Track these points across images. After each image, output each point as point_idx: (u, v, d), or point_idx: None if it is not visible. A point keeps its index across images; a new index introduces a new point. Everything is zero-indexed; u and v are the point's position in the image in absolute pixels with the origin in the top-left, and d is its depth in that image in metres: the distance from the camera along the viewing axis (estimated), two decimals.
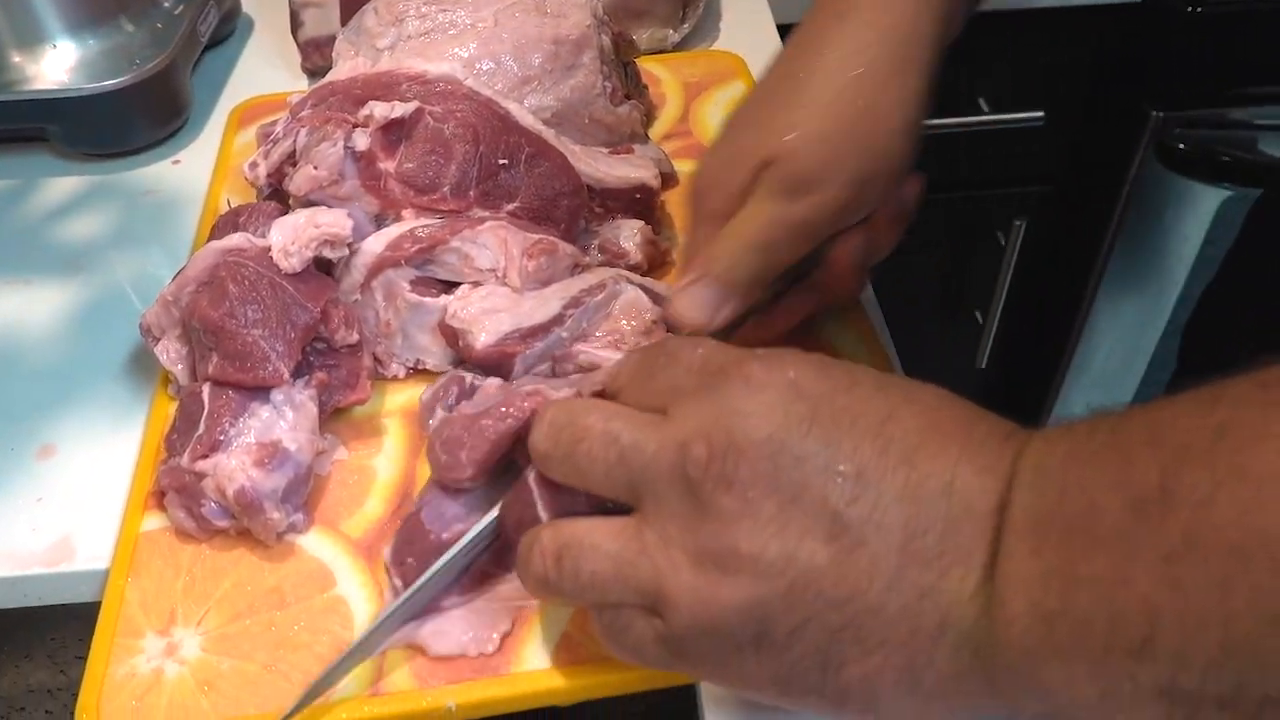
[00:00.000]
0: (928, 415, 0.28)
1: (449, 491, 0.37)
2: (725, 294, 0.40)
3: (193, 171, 0.61)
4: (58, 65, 0.60)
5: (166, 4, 0.64)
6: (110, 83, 0.59)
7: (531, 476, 0.33)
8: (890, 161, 0.39)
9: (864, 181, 0.39)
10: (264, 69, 0.69)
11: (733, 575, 0.27)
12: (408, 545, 0.37)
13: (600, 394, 0.34)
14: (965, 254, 1.03)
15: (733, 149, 0.41)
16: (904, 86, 0.39)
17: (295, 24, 0.66)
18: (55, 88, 0.59)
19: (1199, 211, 0.94)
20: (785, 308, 0.44)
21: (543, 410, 0.33)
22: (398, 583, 0.37)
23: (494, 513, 0.35)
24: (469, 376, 0.43)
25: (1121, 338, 1.04)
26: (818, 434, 0.28)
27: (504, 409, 0.36)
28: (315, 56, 0.66)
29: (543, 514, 0.33)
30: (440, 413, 0.41)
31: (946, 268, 1.05)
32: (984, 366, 1.10)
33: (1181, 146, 0.90)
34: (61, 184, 0.61)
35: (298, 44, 0.66)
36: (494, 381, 0.42)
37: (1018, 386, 1.16)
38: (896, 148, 0.39)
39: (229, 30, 0.72)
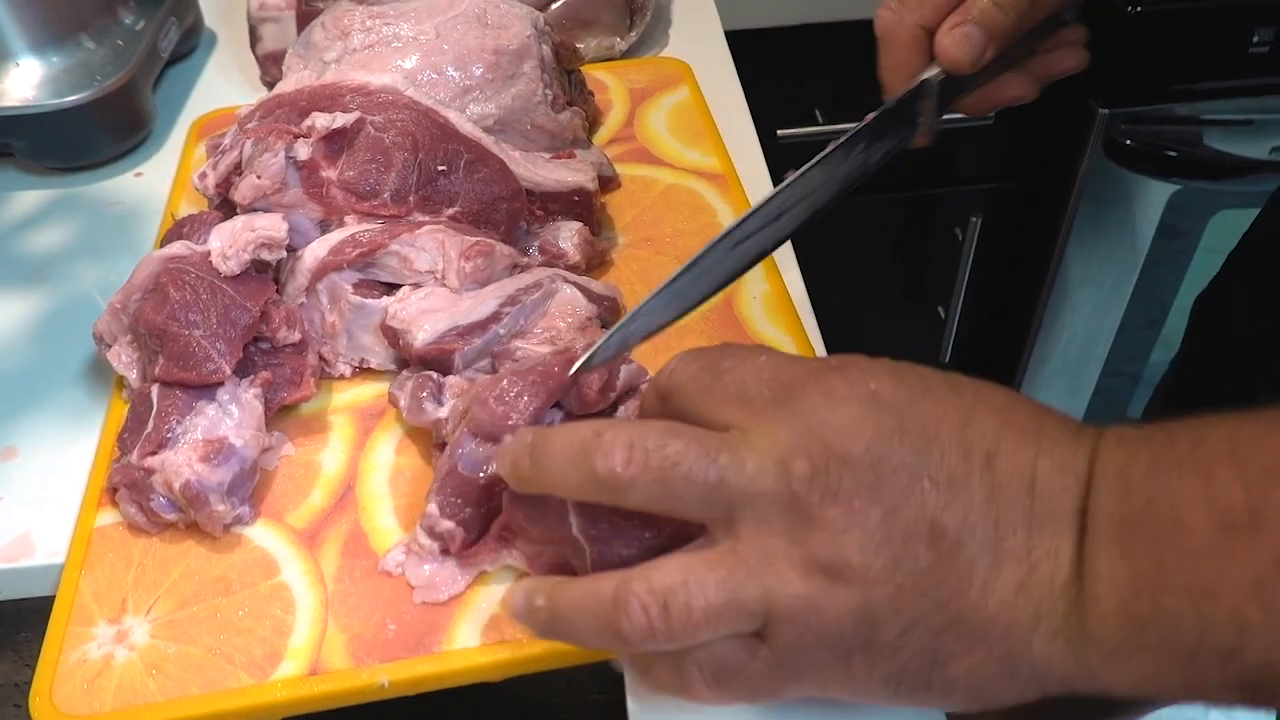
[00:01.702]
0: (1001, 415, 0.29)
1: (480, 441, 0.38)
2: (988, 36, 0.42)
3: (155, 183, 0.63)
4: (21, 82, 0.62)
5: (128, 21, 0.66)
6: (73, 99, 0.61)
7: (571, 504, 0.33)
8: None
9: None
10: (225, 83, 0.72)
11: (844, 584, 0.29)
12: (458, 495, 0.37)
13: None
14: (925, 251, 1.06)
15: None
16: None
17: (254, 39, 0.68)
18: (19, 104, 0.61)
19: (1149, 205, 0.97)
20: (1002, 83, 0.47)
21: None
22: (464, 535, 0.38)
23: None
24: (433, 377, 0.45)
25: (1079, 329, 1.07)
26: (908, 443, 0.29)
27: (549, 361, 0.38)
28: (274, 70, 0.68)
29: (577, 534, 0.33)
30: (429, 405, 0.43)
31: (907, 265, 1.07)
32: (947, 361, 1.12)
33: (1129, 142, 0.92)
34: (26, 198, 0.63)
35: (256, 58, 0.68)
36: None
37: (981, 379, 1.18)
38: None
39: (191, 46, 0.74)
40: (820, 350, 0.49)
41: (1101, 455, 0.28)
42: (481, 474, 0.37)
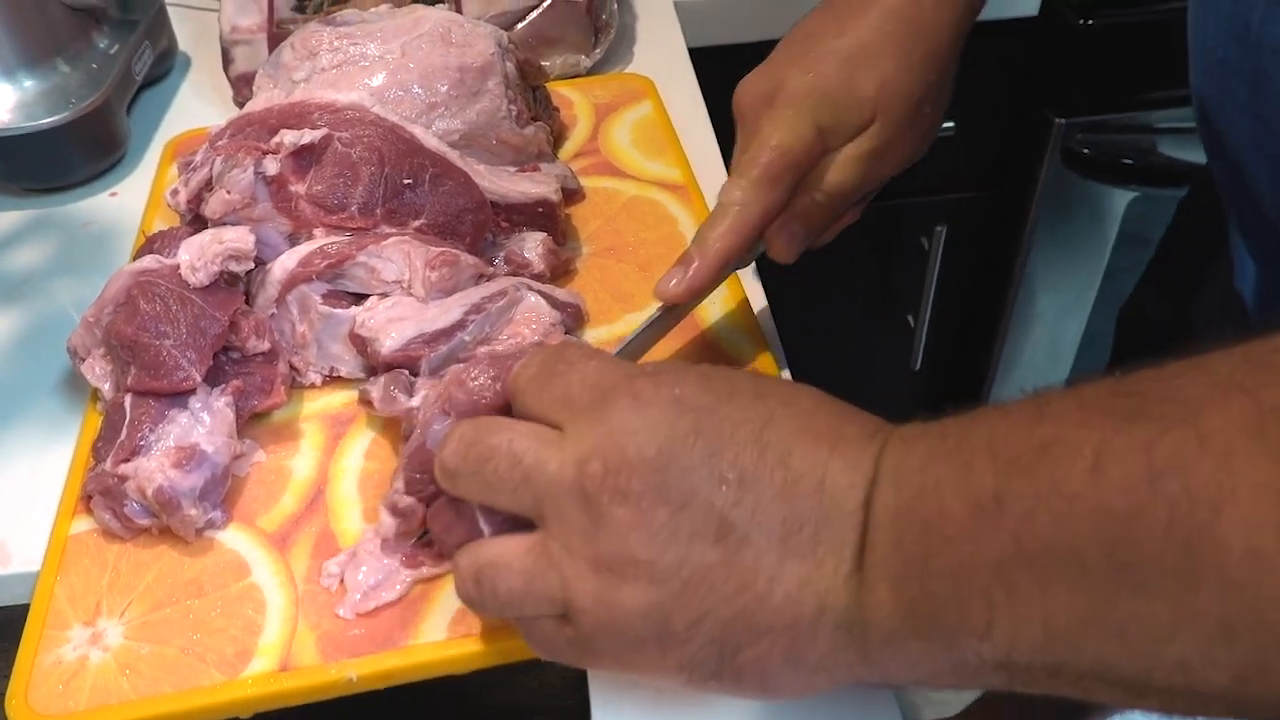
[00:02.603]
0: (802, 418, 0.31)
1: (454, 419, 0.38)
2: (813, 233, 0.46)
3: (130, 203, 0.64)
4: None
5: (102, 45, 0.68)
6: (48, 121, 0.63)
7: None
8: (844, 123, 0.45)
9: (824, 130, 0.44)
10: (199, 104, 0.73)
11: (631, 580, 0.30)
12: (423, 471, 0.38)
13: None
14: (893, 260, 1.08)
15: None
16: (890, 65, 0.45)
17: (227, 61, 0.70)
18: None
19: (1108, 211, 0.99)
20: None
21: (454, 431, 0.34)
22: (412, 505, 0.39)
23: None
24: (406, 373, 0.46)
25: (1045, 333, 1.09)
26: (702, 445, 0.30)
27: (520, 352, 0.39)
28: (246, 91, 0.69)
29: (468, 521, 0.35)
30: (401, 397, 0.44)
31: (876, 274, 1.10)
32: (918, 368, 1.14)
33: (1086, 151, 0.95)
34: (3, 218, 0.64)
35: (229, 80, 0.70)
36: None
37: (952, 385, 1.20)
38: (855, 116, 0.45)
39: (166, 69, 0.75)
40: (782, 357, 0.51)
41: (886, 452, 0.29)
42: None
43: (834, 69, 0.45)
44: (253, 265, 0.46)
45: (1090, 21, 0.86)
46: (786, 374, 0.49)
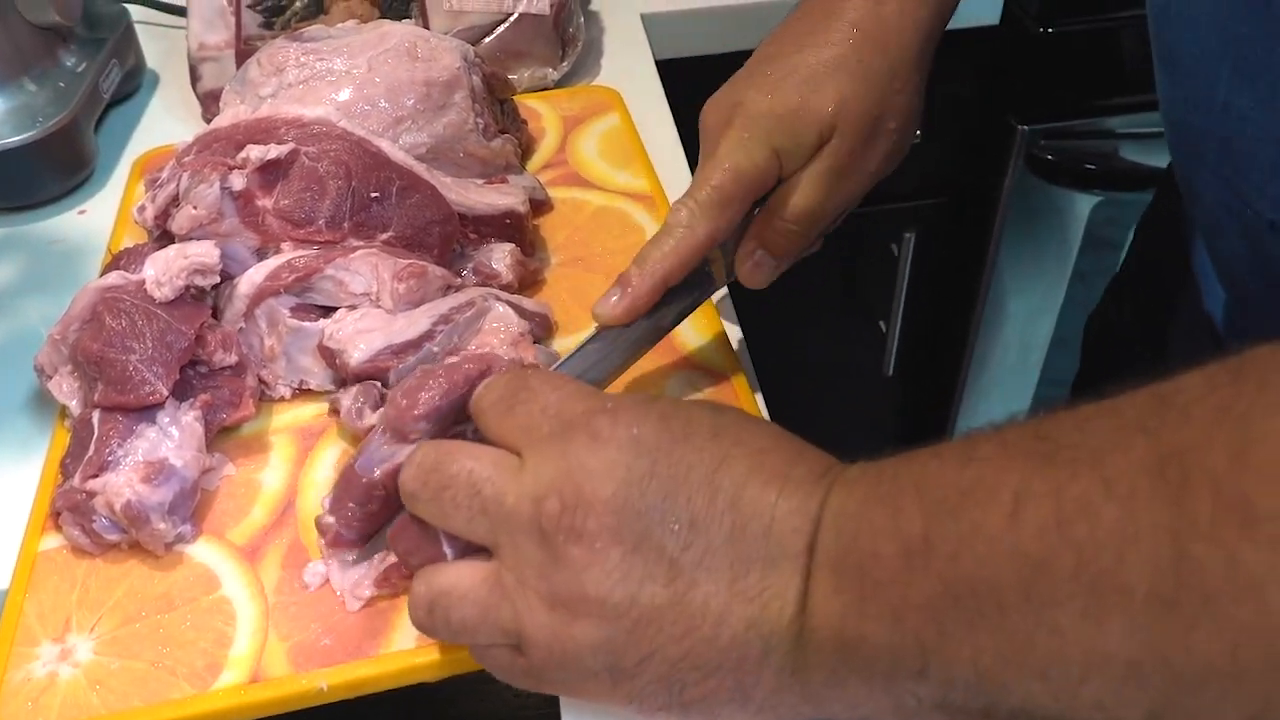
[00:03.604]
0: (754, 458, 0.31)
1: (389, 440, 0.39)
2: (782, 260, 0.47)
3: (98, 221, 0.64)
4: None
5: (69, 64, 0.68)
6: (14, 140, 0.63)
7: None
8: (801, 144, 0.45)
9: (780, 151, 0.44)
10: (168, 121, 0.73)
11: (583, 617, 0.31)
12: (344, 491, 0.39)
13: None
14: (862, 268, 1.09)
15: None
16: (848, 81, 0.45)
17: (195, 77, 0.70)
18: None
19: (1073, 216, 1.01)
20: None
21: (416, 454, 0.35)
22: (339, 529, 0.39)
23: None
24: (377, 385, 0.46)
25: (1014, 337, 1.10)
26: (655, 487, 0.31)
27: (461, 363, 0.39)
28: (214, 107, 0.69)
29: (432, 542, 0.35)
30: (367, 412, 0.44)
31: (847, 281, 1.11)
32: (890, 374, 1.15)
33: (1050, 157, 0.96)
34: None
35: (198, 96, 0.70)
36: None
37: (924, 391, 1.21)
38: (812, 136, 0.45)
39: (134, 86, 0.75)
40: (751, 370, 0.51)
41: (831, 495, 0.30)
42: (374, 473, 0.38)
43: (792, 89, 0.45)
44: (218, 279, 0.46)
45: (1049, 29, 0.88)
46: (759, 397, 0.49)
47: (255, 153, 0.48)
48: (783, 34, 0.48)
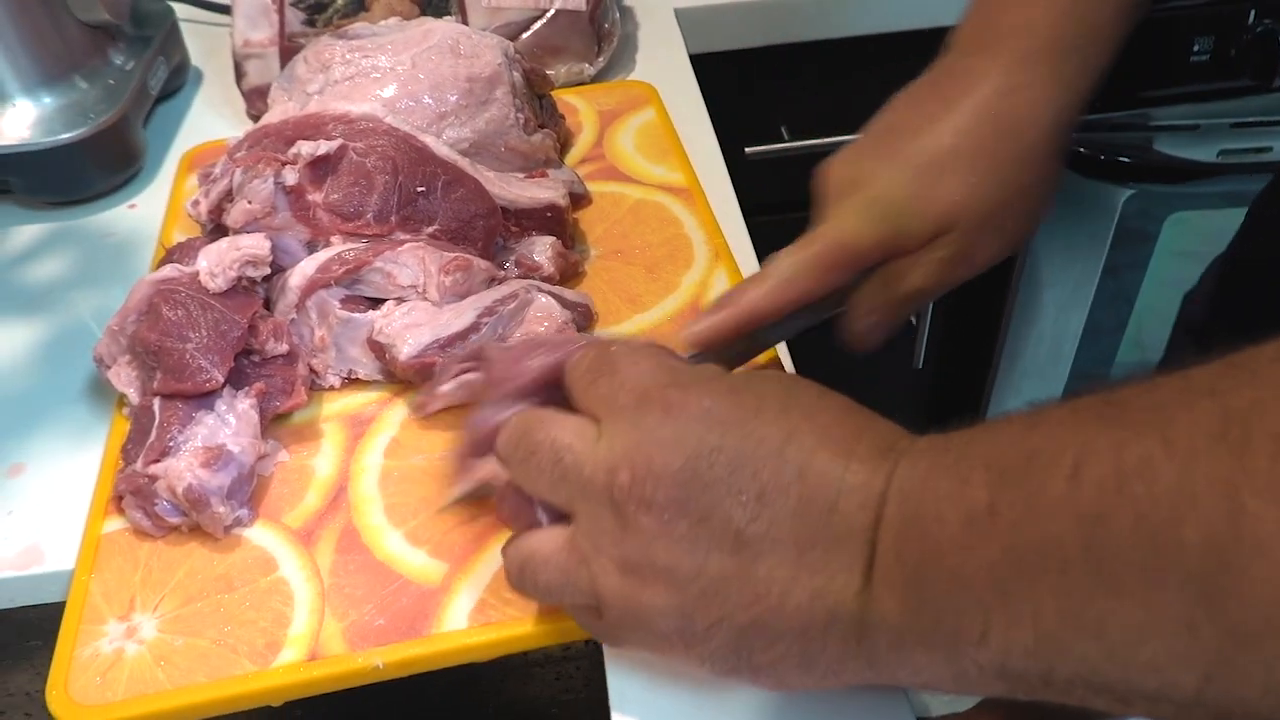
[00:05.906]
0: (822, 432, 0.32)
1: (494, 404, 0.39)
2: (897, 322, 0.47)
3: (148, 214, 0.66)
4: (18, 122, 0.65)
5: (118, 61, 0.70)
6: (66, 136, 0.64)
7: None
8: (917, 232, 0.44)
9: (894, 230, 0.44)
10: (213, 117, 0.75)
11: (653, 584, 0.32)
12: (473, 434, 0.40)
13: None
14: None
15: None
16: (971, 173, 0.44)
17: (239, 74, 0.71)
18: (16, 143, 0.64)
19: (1106, 208, 1.01)
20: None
21: (508, 417, 0.37)
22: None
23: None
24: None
25: (1047, 330, 1.10)
26: (724, 460, 0.32)
27: (564, 340, 0.40)
28: (259, 103, 0.71)
29: (529, 508, 0.37)
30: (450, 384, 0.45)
31: None
32: (921, 367, 1.15)
33: (1083, 150, 0.96)
34: (25, 232, 0.66)
35: (242, 93, 0.72)
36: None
37: (955, 383, 1.21)
38: (929, 226, 0.44)
39: (180, 83, 0.77)
40: (785, 352, 0.52)
41: (898, 469, 0.30)
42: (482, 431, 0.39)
43: (911, 177, 0.44)
44: (269, 270, 0.47)
45: None
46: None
47: (306, 148, 0.49)
48: (905, 103, 0.47)
